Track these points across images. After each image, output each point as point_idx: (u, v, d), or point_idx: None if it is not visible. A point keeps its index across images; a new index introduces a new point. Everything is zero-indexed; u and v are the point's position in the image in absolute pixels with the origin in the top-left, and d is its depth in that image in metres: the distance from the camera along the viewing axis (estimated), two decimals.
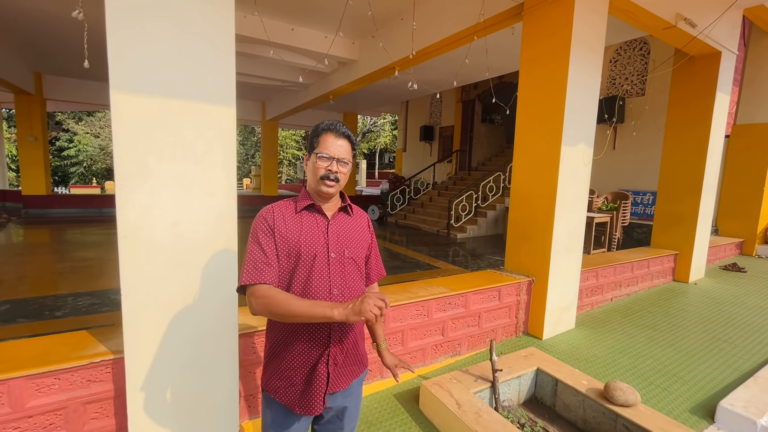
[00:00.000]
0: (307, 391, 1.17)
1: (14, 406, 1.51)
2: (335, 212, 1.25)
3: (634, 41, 7.06)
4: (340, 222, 1.25)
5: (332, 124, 1.20)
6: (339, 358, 1.21)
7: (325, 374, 1.18)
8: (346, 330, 1.21)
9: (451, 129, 11.86)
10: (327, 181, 1.17)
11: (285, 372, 1.19)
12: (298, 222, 1.19)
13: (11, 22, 5.96)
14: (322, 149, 1.17)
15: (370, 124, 27.04)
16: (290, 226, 1.18)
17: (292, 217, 1.20)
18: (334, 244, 1.20)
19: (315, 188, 1.20)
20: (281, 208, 1.21)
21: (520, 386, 2.48)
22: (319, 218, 1.22)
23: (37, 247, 6.34)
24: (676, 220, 4.90)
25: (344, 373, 1.24)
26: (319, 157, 1.17)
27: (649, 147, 6.85)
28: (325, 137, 1.18)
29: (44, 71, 9.25)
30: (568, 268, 3.31)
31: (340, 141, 1.19)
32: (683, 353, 2.99)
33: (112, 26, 1.45)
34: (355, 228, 1.28)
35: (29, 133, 9.45)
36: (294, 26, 5.72)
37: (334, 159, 1.17)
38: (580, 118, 3.15)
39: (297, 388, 1.18)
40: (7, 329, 2.92)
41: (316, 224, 1.20)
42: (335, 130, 1.19)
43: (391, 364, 1.39)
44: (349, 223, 1.27)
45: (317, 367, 1.17)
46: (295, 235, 1.17)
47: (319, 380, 1.17)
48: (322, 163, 1.17)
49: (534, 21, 3.26)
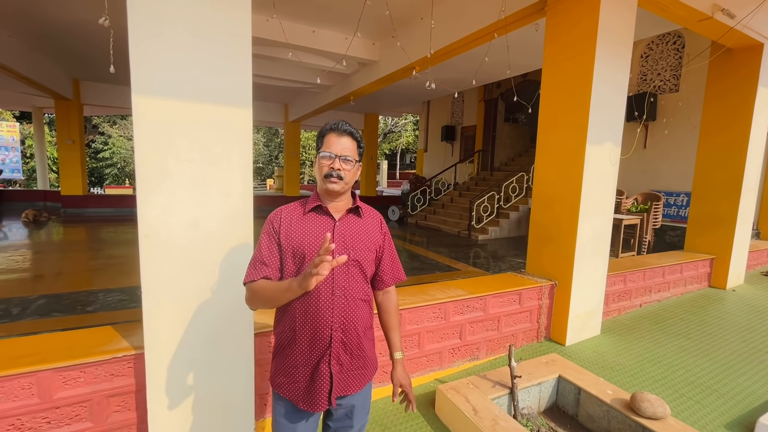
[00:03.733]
0: (311, 389, 1.19)
1: (43, 396, 1.58)
2: (344, 214, 1.25)
3: (667, 35, 6.73)
4: (348, 223, 1.24)
5: (335, 124, 1.21)
6: (344, 359, 1.21)
7: (327, 373, 1.18)
8: (348, 328, 1.20)
9: (473, 129, 11.68)
10: (331, 178, 1.18)
11: (289, 369, 1.21)
12: (305, 223, 1.21)
13: (51, 32, 6.31)
14: (325, 148, 1.19)
15: (391, 124, 27.04)
16: (296, 228, 1.20)
17: (300, 219, 1.22)
18: (339, 245, 1.19)
19: (322, 187, 1.22)
20: (290, 211, 1.24)
21: (541, 393, 2.40)
22: (325, 219, 1.22)
23: (73, 245, 6.68)
24: (712, 222, 4.63)
25: (351, 377, 1.23)
26: (322, 156, 1.19)
27: (683, 145, 6.51)
28: (329, 137, 1.20)
29: (81, 77, 9.74)
30: (593, 271, 3.18)
31: (343, 139, 1.20)
32: (719, 364, 2.81)
33: (134, 33, 1.49)
34: (365, 229, 1.27)
35: (67, 136, 9.97)
36: (315, 28, 5.78)
37: (337, 156, 1.18)
38: (606, 115, 3.02)
39: (300, 384, 1.20)
40: (43, 323, 3.07)
41: (322, 225, 1.21)
42: (337, 129, 1.20)
43: (396, 382, 1.35)
44: (358, 225, 1.26)
45: (320, 366, 1.18)
46: (300, 237, 1.19)
47: (321, 379, 1.18)
48: (325, 162, 1.19)
49: (557, 16, 3.15)
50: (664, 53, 6.84)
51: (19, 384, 1.53)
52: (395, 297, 1.41)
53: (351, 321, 1.21)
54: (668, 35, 6.72)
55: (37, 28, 6.13)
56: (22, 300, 3.58)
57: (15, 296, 3.68)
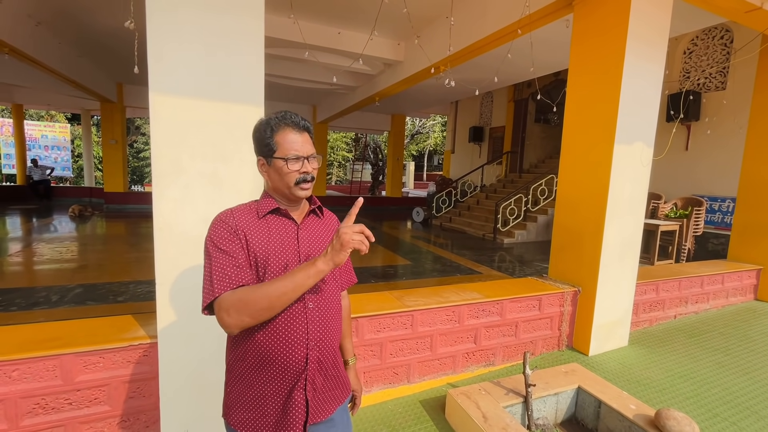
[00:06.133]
0: (283, 423, 0.99)
1: (65, 379, 1.67)
2: (304, 216, 1.11)
3: (713, 29, 6.30)
4: (310, 226, 1.11)
5: (285, 117, 1.02)
6: (318, 382, 1.04)
7: (303, 402, 1.00)
8: (324, 345, 1.04)
9: (501, 129, 11.42)
10: (304, 184, 1.03)
11: (253, 402, 1.01)
12: (264, 228, 1.03)
13: (97, 38, 6.74)
14: (288, 151, 1.00)
15: (419, 125, 26.94)
16: (255, 233, 1.01)
17: (256, 223, 1.03)
18: (306, 251, 1.05)
19: (288, 194, 1.04)
20: (241, 212, 1.04)
21: (558, 404, 2.29)
22: (287, 223, 1.06)
23: (112, 239, 7.10)
24: (760, 229, 4.27)
25: (325, 399, 1.07)
26: (288, 160, 1.00)
27: (729, 147, 6.06)
28: (284, 135, 1.01)
29: (125, 81, 10.35)
30: (620, 278, 3.01)
31: (303, 136, 1.03)
32: (761, 384, 2.58)
33: (152, 35, 1.56)
34: (328, 232, 1.14)
35: (111, 136, 10.63)
36: (340, 29, 5.85)
37: (305, 158, 1.02)
38: (637, 114, 2.86)
39: (270, 419, 1.00)
40: (76, 310, 3.27)
41: (284, 230, 1.05)
42: (294, 124, 1.02)
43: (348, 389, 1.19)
44: (320, 227, 1.13)
45: (293, 394, 0.99)
46: (262, 243, 1.00)
47: (296, 409, 0.99)
48: (293, 167, 1.01)
49: (585, 10, 3.02)
50: (710, 49, 6.40)
51: (44, 366, 1.63)
52: (348, 302, 1.30)
53: (328, 336, 1.05)
54: (714, 29, 6.29)
55: (84, 34, 6.57)
56: (62, 288, 3.83)
57: (56, 284, 3.95)
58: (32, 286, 3.94)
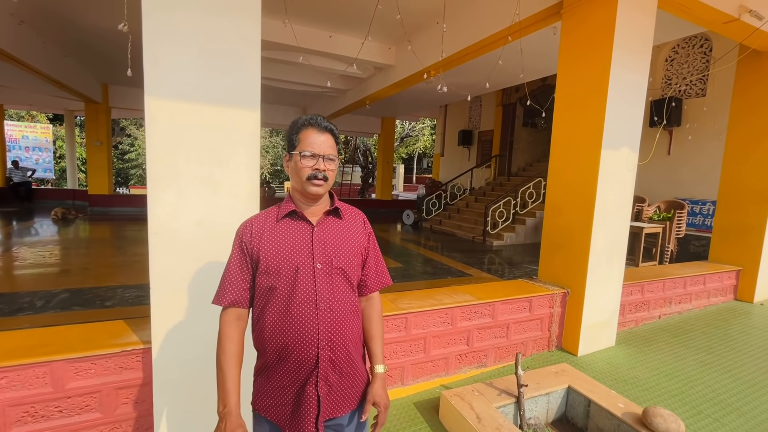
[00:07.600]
0: (297, 413, 1.07)
1: (56, 386, 1.64)
2: (321, 217, 1.14)
3: (693, 38, 6.51)
4: (327, 227, 1.13)
5: (312, 119, 1.10)
6: (333, 379, 1.09)
7: (314, 396, 1.06)
8: (336, 345, 1.08)
9: (490, 133, 11.56)
10: (315, 180, 1.07)
11: (273, 391, 1.10)
12: (278, 232, 1.09)
13: (83, 38, 6.61)
14: (306, 147, 1.07)
15: (408, 128, 27.05)
16: (268, 239, 1.08)
17: (271, 228, 1.10)
18: (320, 253, 1.08)
19: (301, 190, 1.10)
20: (260, 220, 1.13)
21: (549, 404, 2.34)
22: (302, 225, 1.11)
23: (97, 242, 6.93)
24: (739, 231, 4.43)
25: (343, 396, 1.11)
26: (303, 156, 1.07)
27: (709, 152, 6.26)
28: (307, 133, 1.09)
29: (110, 82, 10.15)
30: (608, 280, 3.09)
31: (324, 136, 1.09)
32: (742, 381, 2.68)
33: (148, 38, 1.55)
34: (347, 232, 1.15)
35: (96, 138, 10.40)
36: (332, 33, 5.86)
37: (320, 156, 1.08)
38: (623, 120, 2.95)
39: (287, 408, 1.09)
40: (63, 315, 3.20)
41: (298, 233, 1.09)
42: (317, 125, 1.09)
43: (371, 399, 1.15)
44: (338, 228, 1.14)
45: (306, 389, 1.06)
46: (274, 249, 1.07)
47: (308, 403, 1.06)
48: (307, 162, 1.07)
49: (573, 18, 3.10)
50: (690, 57, 6.62)
51: (34, 373, 1.60)
52: (379, 304, 1.26)
53: (339, 337, 1.08)
54: (695, 38, 6.51)
55: (70, 34, 6.44)
56: (47, 293, 3.74)
57: (40, 290, 3.85)
58: (15, 291, 3.83)
